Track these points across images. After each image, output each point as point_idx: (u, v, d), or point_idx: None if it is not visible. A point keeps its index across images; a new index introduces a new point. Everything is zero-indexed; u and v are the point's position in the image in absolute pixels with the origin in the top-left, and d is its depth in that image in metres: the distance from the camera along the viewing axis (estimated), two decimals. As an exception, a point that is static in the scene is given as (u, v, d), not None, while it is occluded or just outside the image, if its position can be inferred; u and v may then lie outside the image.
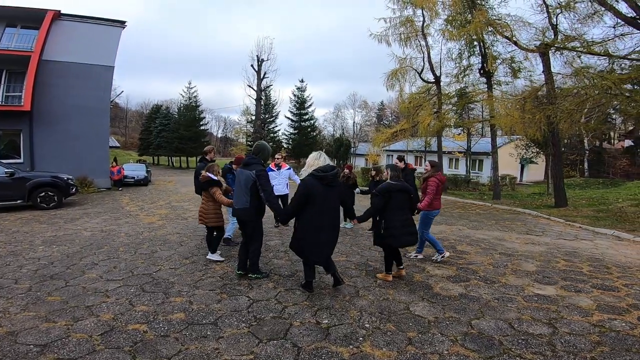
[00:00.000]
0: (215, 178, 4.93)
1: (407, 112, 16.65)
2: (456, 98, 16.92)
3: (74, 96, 14.80)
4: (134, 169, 19.72)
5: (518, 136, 21.58)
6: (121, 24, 16.17)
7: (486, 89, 15.24)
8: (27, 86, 13.74)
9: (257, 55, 34.65)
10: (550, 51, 10.91)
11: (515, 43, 12.94)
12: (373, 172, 7.53)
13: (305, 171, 3.67)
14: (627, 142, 31.81)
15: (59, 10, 14.75)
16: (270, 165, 7.15)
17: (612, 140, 37.31)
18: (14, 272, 4.48)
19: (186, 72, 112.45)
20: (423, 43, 17.19)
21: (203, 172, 4.97)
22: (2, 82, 14.36)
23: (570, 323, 3.28)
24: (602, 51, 8.96)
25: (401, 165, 6.51)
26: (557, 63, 17.87)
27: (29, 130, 14.27)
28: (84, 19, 15.40)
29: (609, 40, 9.68)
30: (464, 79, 16.83)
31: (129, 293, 3.87)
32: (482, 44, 15.00)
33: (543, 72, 12.12)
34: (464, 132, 27.17)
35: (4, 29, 14.42)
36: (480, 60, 15.60)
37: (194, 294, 3.88)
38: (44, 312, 3.31)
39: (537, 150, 23.08)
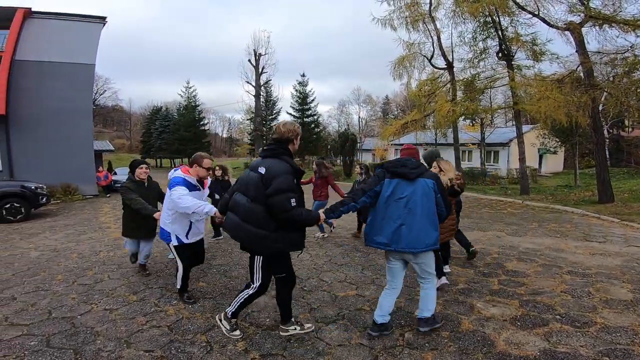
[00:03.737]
0: None
1: (419, 100, 15.04)
2: (469, 85, 15.35)
3: (52, 97, 13.57)
4: (126, 173, 18.46)
5: (537, 124, 19.99)
6: (101, 19, 15.00)
7: (506, 74, 13.61)
8: (0, 88, 12.55)
9: (254, 50, 33.21)
10: (593, 27, 9.25)
11: (544, 20, 11.28)
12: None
13: None
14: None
15: (30, 8, 13.60)
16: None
17: (627, 129, 35.14)
18: None
19: (192, 72, 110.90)
20: (432, 27, 15.63)
21: None
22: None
23: None
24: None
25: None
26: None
27: (5, 135, 13.14)
28: (58, 16, 14.25)
29: None
30: (480, 64, 15.22)
31: (25, 348, 2.60)
32: (499, 26, 13.39)
33: (577, 51, 10.52)
34: (476, 123, 25.53)
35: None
36: (497, 42, 14.00)
37: (120, 357, 2.50)
38: None
39: (558, 140, 21.41)
